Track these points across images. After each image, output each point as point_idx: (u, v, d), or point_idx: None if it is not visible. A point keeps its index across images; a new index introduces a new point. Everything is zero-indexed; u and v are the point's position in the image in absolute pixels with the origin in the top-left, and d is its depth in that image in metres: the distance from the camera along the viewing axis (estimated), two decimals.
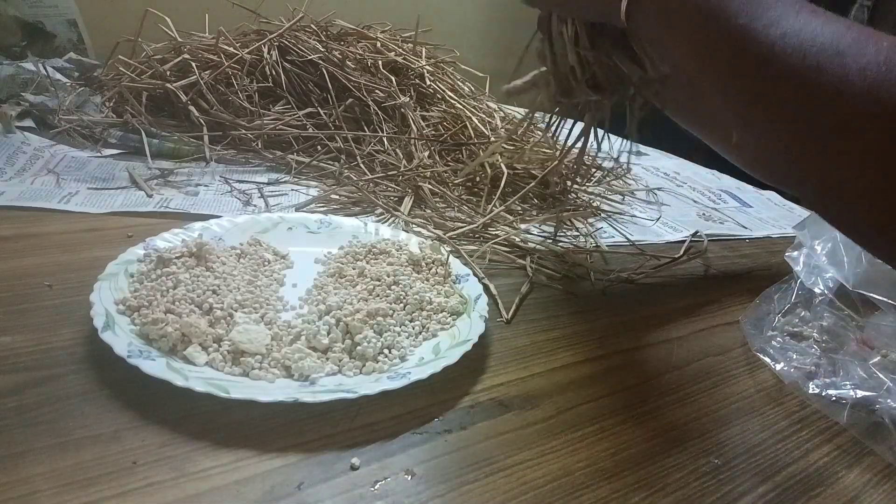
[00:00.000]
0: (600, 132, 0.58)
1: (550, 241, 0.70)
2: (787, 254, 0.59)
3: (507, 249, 0.66)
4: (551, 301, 0.58)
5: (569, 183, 0.85)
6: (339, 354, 0.43)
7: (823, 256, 0.54)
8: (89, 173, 0.71)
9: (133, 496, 0.32)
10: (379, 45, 0.97)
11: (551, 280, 0.62)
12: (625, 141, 0.54)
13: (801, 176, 0.36)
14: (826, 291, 0.53)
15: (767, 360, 0.53)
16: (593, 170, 0.91)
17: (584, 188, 0.87)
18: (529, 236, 0.70)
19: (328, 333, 0.44)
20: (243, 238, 0.57)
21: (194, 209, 0.65)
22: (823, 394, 0.49)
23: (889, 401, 0.46)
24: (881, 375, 0.48)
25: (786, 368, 0.52)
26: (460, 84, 1.01)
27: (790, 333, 0.56)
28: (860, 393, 0.48)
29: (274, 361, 0.42)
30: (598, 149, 0.60)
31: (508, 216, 0.73)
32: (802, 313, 0.55)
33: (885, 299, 0.50)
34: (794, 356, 0.53)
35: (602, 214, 0.81)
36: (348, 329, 0.45)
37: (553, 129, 0.58)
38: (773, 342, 0.54)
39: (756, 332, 0.56)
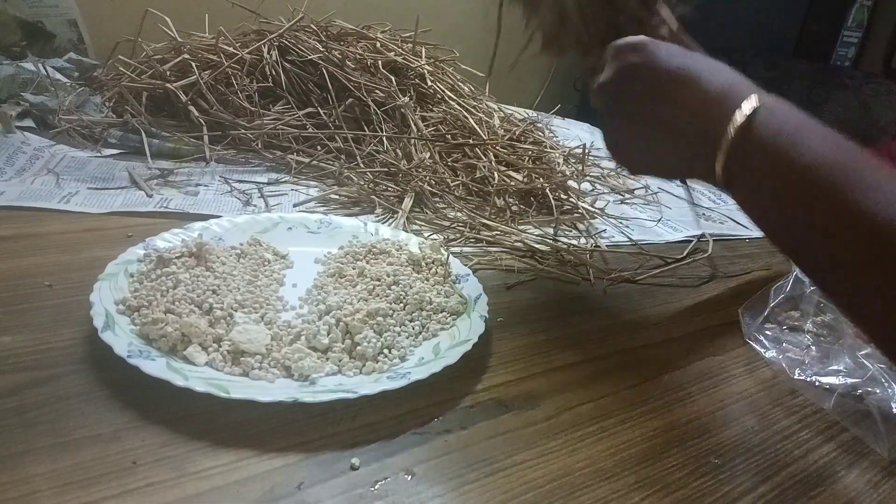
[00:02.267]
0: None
1: (550, 240, 0.69)
2: None
3: (506, 250, 0.66)
4: (551, 301, 0.58)
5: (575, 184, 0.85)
6: (339, 354, 0.43)
7: None
8: (89, 173, 0.71)
9: (133, 496, 0.32)
10: (379, 45, 0.97)
11: (552, 280, 0.62)
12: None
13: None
14: None
15: (759, 347, 0.54)
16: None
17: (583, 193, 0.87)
18: (530, 236, 0.70)
19: (328, 333, 0.44)
20: (243, 238, 0.57)
21: (194, 209, 0.65)
22: (808, 380, 0.50)
23: (875, 389, 0.47)
24: (867, 363, 0.48)
25: (775, 356, 0.52)
26: (460, 84, 1.01)
27: (789, 327, 0.56)
28: (848, 380, 0.48)
29: (274, 361, 0.42)
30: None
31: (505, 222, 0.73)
32: (803, 307, 0.56)
33: None
34: (785, 344, 0.53)
35: (602, 216, 0.81)
36: (348, 329, 0.45)
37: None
38: (766, 331, 0.54)
39: (752, 323, 0.56)
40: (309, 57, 0.89)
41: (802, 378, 0.50)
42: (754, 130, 0.37)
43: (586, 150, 0.92)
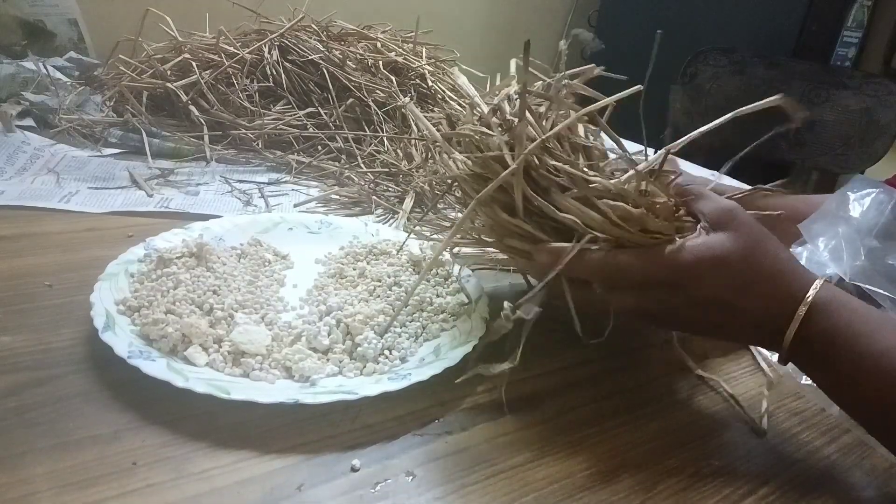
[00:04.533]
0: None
1: None
2: (791, 249, 0.58)
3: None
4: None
5: None
6: (339, 355, 0.43)
7: (826, 253, 0.54)
8: (89, 173, 0.70)
9: (133, 497, 0.31)
10: (379, 45, 0.97)
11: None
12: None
13: None
14: None
15: (763, 350, 0.53)
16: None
17: None
18: None
19: (329, 334, 0.44)
20: (244, 238, 0.57)
21: (194, 209, 0.65)
22: (813, 382, 0.49)
23: None
24: None
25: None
26: (461, 84, 1.00)
27: None
28: None
29: (274, 362, 0.41)
30: None
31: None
32: None
33: (879, 290, 0.50)
34: None
35: None
36: (349, 330, 0.45)
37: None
38: None
39: None
40: (310, 57, 0.89)
41: (808, 382, 0.49)
42: (822, 310, 0.39)
43: None
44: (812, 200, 0.63)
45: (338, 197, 0.72)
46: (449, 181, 0.47)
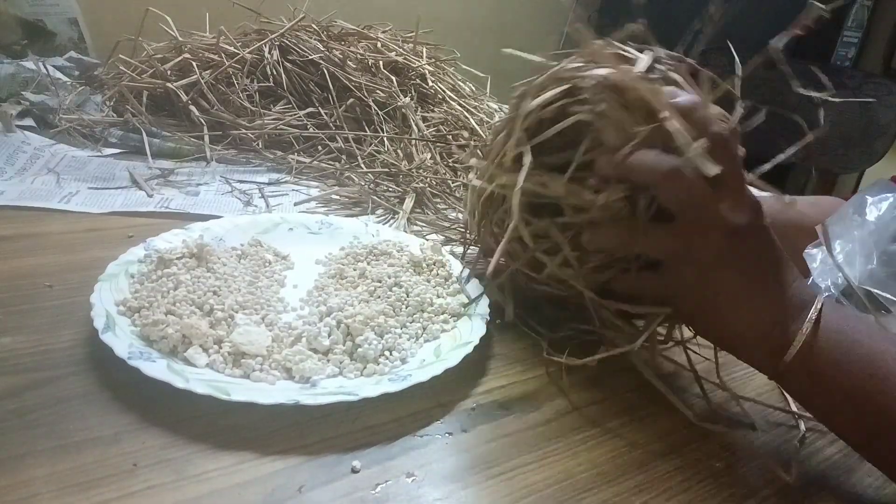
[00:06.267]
0: None
1: None
2: (806, 251, 0.58)
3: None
4: (553, 303, 0.58)
5: None
6: (339, 356, 0.43)
7: (841, 256, 0.53)
8: (90, 173, 0.70)
9: (133, 499, 0.31)
10: (379, 45, 0.97)
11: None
12: None
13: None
14: (833, 290, 0.53)
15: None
16: None
17: None
18: None
19: (329, 335, 0.44)
20: (244, 239, 0.57)
21: (195, 209, 0.65)
22: None
23: None
24: None
25: None
26: (461, 84, 1.01)
27: None
28: None
29: (275, 363, 0.41)
30: None
31: None
32: None
33: (889, 296, 0.49)
34: None
35: None
36: (349, 331, 0.45)
37: None
38: None
39: None
40: (310, 57, 0.89)
41: None
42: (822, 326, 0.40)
43: None
44: (822, 204, 0.62)
45: (338, 197, 0.72)
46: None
